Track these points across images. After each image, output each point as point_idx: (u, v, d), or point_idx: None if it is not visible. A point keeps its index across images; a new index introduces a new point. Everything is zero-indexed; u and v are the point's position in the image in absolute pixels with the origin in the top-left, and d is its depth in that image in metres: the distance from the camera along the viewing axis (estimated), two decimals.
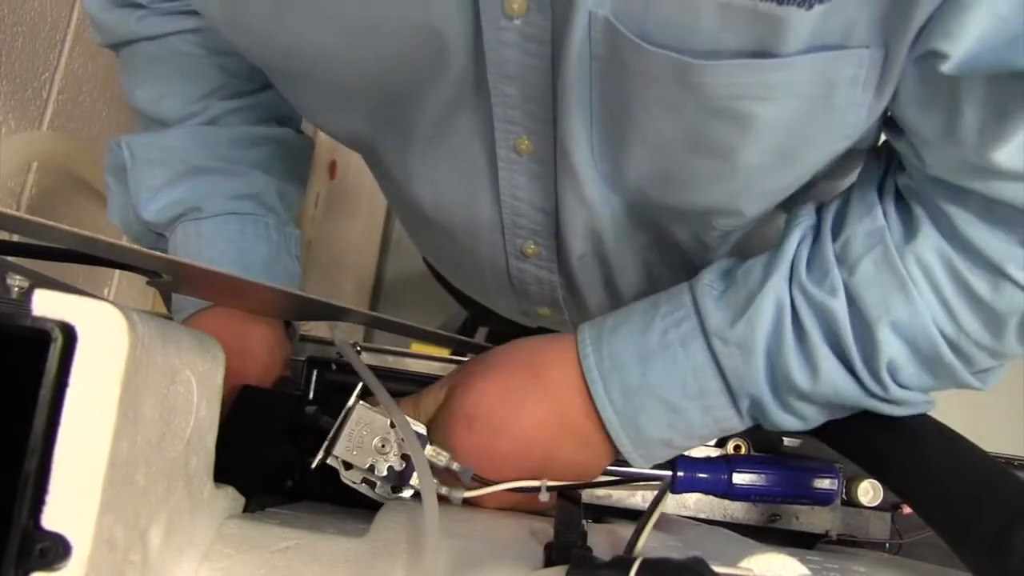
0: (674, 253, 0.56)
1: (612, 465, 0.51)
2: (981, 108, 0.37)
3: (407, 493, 0.46)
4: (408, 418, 0.45)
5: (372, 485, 0.46)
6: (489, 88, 0.44)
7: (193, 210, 0.58)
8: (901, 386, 0.44)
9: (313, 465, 0.45)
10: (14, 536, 0.24)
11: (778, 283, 0.44)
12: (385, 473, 0.45)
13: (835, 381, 0.43)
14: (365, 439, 0.45)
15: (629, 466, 0.51)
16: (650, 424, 0.46)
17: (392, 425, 0.45)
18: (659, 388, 0.45)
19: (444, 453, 0.46)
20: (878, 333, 0.42)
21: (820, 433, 0.50)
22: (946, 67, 0.35)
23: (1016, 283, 0.40)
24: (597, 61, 0.40)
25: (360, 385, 0.46)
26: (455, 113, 0.47)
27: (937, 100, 0.38)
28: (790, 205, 0.49)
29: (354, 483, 0.46)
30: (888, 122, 0.44)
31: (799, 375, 0.43)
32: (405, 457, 0.45)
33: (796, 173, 0.45)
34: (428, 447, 0.45)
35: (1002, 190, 0.39)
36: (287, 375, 0.60)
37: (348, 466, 0.46)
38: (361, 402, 0.45)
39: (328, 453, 0.45)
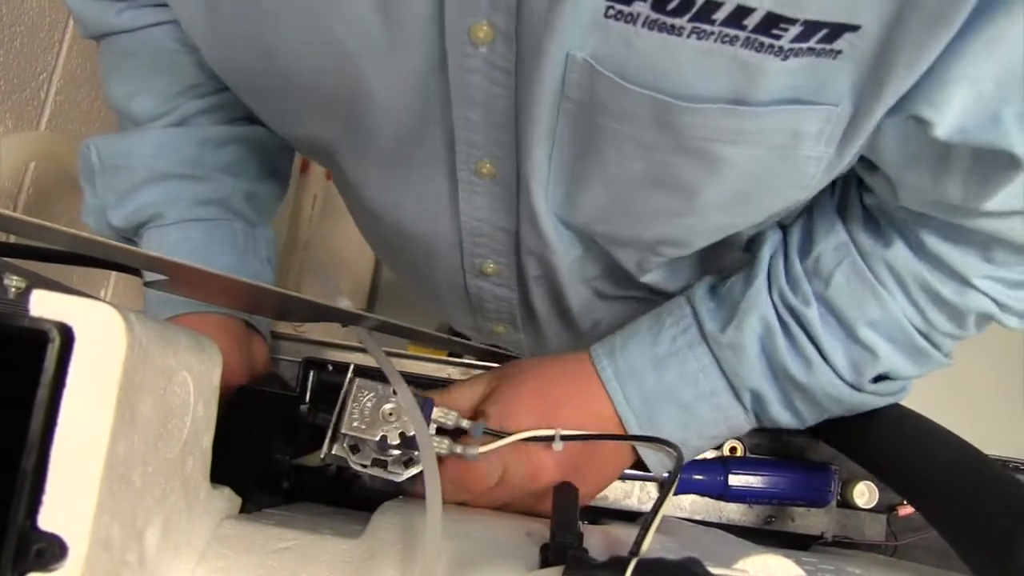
0: (621, 278, 0.58)
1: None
2: (966, 171, 0.39)
3: (420, 468, 0.45)
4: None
5: (383, 465, 0.45)
6: (452, 112, 0.44)
7: (156, 217, 0.57)
8: (889, 378, 0.48)
9: (322, 455, 0.45)
10: (11, 537, 0.24)
11: (759, 291, 0.48)
12: (398, 441, 0.44)
13: (826, 372, 0.47)
14: (372, 410, 0.44)
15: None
16: (666, 426, 0.49)
17: (395, 393, 0.44)
18: (674, 390, 0.49)
19: (452, 412, 0.47)
20: (859, 333, 0.46)
21: (824, 434, 0.51)
22: (936, 133, 0.37)
23: (978, 289, 0.44)
24: (569, 100, 0.40)
25: (352, 366, 0.46)
26: (416, 131, 0.47)
27: (924, 159, 0.40)
28: (737, 239, 0.52)
29: (365, 467, 0.45)
30: (862, 160, 0.45)
31: (794, 368, 0.47)
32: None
33: (749, 214, 0.47)
34: (436, 408, 0.46)
35: (972, 223, 0.42)
36: (273, 371, 0.60)
37: (355, 450, 0.45)
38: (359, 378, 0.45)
39: (335, 436, 0.44)
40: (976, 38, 0.33)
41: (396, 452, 0.45)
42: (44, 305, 0.25)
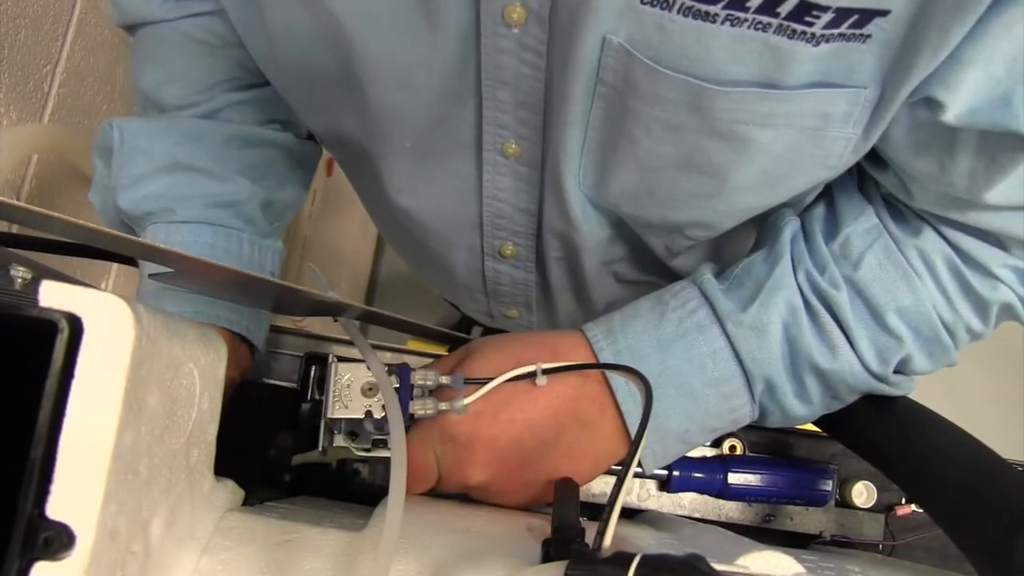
0: (644, 261, 0.57)
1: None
2: (973, 156, 0.40)
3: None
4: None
5: (384, 444, 0.45)
6: (481, 92, 0.44)
7: (166, 211, 0.56)
8: (906, 373, 0.47)
9: (320, 448, 0.44)
10: (19, 525, 0.24)
11: (785, 272, 0.46)
12: (383, 414, 0.44)
13: (851, 359, 0.46)
14: (352, 389, 0.44)
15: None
16: (669, 414, 0.46)
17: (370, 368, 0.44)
18: (680, 375, 0.46)
19: (431, 373, 0.45)
20: (888, 320, 0.45)
21: (827, 427, 0.51)
22: (945, 117, 0.37)
23: (1003, 280, 0.45)
24: (604, 83, 0.41)
25: (331, 357, 0.47)
26: (445, 115, 0.47)
27: (931, 145, 0.41)
28: (762, 219, 0.52)
29: (368, 450, 0.45)
30: (873, 159, 0.46)
31: (819, 353, 0.45)
32: (398, 389, 0.44)
33: (777, 194, 0.47)
34: (415, 372, 0.44)
35: (979, 220, 0.43)
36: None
37: (354, 436, 0.45)
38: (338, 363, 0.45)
39: (328, 428, 0.44)
40: (995, 21, 0.34)
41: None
42: (53, 296, 0.26)
